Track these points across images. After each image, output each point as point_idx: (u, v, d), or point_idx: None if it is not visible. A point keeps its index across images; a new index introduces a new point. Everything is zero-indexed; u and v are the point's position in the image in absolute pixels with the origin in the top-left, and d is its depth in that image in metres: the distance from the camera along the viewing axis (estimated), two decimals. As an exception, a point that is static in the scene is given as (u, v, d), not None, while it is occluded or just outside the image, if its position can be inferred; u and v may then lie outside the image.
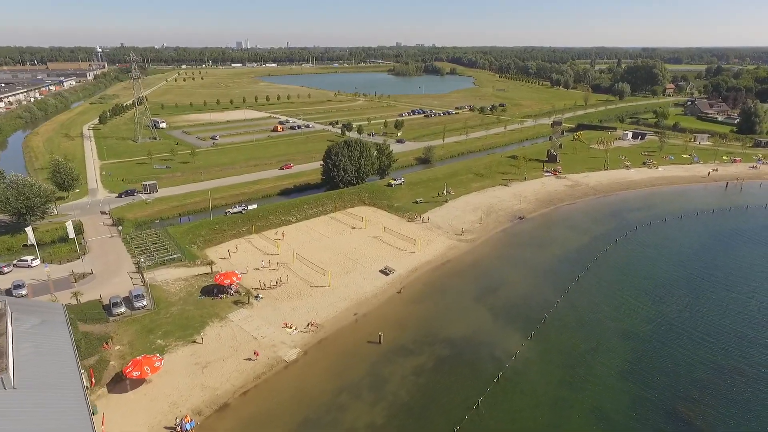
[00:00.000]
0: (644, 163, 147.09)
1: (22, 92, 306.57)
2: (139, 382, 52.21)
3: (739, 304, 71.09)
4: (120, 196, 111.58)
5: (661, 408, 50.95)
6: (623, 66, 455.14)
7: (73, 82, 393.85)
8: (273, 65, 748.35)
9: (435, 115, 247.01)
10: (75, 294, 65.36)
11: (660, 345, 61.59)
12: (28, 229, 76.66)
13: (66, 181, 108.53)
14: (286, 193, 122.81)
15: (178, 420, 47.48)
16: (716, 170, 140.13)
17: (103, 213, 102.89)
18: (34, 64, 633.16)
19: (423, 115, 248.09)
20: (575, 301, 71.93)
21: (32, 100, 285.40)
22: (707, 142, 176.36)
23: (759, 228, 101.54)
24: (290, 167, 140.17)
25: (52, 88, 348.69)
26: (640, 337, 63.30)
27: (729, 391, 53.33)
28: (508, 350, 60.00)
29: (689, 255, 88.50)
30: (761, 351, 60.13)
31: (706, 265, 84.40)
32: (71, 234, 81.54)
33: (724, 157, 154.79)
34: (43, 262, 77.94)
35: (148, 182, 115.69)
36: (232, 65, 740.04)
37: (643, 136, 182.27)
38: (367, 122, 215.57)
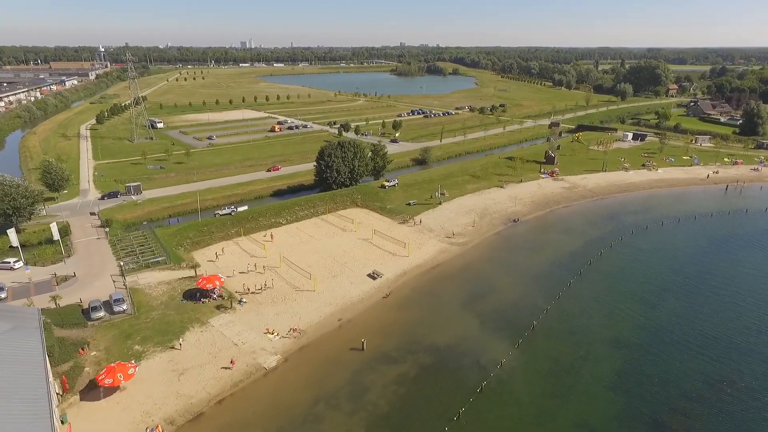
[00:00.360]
0: (644, 165, 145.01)
1: (22, 92, 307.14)
2: (112, 389, 51.00)
3: (734, 312, 69.22)
4: (103, 198, 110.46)
5: (649, 421, 49.31)
6: (627, 66, 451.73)
7: (75, 82, 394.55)
8: (280, 65, 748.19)
9: (434, 116, 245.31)
10: (54, 298, 64.20)
11: (650, 354, 59.87)
12: (10, 232, 75.69)
13: (56, 181, 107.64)
14: (279, 194, 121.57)
15: (148, 430, 46.20)
16: (717, 172, 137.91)
17: (92, 214, 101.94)
18: (37, 64, 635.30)
19: (422, 116, 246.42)
20: (566, 307, 70.25)
21: (32, 99, 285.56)
22: (708, 144, 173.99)
23: (758, 232, 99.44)
24: (278, 169, 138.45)
25: (54, 87, 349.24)
26: (630, 346, 61.58)
27: (720, 403, 51.58)
28: (494, 359, 58.41)
29: (685, 260, 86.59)
30: (755, 362, 58.27)
31: (702, 270, 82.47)
32: (56, 236, 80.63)
33: (726, 159, 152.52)
34: (26, 264, 76.88)
35: (131, 184, 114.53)
36: (240, 65, 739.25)
37: (643, 137, 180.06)
38: (365, 123, 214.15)
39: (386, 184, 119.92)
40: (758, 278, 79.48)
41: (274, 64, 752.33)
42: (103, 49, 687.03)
